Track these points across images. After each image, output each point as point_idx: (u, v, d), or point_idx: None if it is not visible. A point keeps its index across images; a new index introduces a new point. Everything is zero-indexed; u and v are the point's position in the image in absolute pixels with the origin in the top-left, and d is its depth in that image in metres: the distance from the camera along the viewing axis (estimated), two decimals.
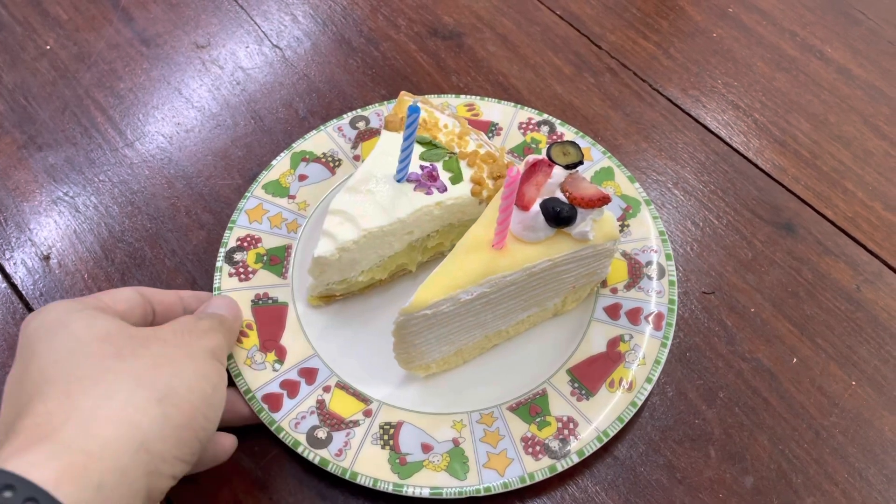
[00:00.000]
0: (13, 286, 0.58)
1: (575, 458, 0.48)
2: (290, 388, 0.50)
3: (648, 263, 0.56)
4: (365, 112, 0.64)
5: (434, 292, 0.46)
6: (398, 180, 0.53)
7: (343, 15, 0.76)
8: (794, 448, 0.51)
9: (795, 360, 0.55)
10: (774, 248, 0.61)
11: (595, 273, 0.53)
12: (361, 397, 0.51)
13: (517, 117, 0.64)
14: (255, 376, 0.50)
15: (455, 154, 0.55)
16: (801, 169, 0.66)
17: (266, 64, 0.72)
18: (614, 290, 0.56)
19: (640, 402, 0.50)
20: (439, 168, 0.54)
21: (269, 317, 0.54)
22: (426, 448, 0.49)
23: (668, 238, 0.58)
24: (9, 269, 0.59)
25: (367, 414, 0.50)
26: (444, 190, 0.53)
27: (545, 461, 0.48)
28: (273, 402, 0.49)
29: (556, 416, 0.50)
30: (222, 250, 0.56)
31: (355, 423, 0.49)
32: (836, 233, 0.62)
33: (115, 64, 0.71)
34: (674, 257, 0.57)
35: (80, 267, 0.59)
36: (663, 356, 0.52)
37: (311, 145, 0.62)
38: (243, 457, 0.50)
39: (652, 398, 0.53)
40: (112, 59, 0.72)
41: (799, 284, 0.59)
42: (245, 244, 0.57)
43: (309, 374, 0.51)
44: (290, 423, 0.49)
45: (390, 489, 0.46)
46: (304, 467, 0.50)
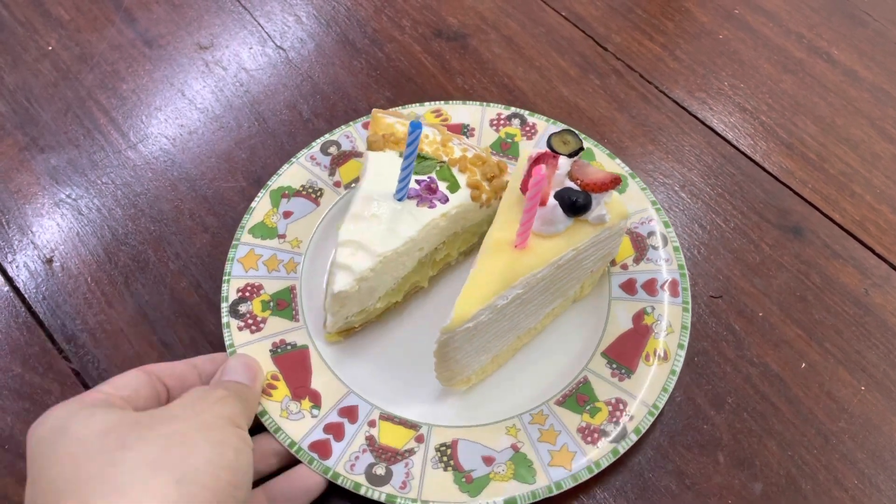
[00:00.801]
0: (16, 289, 0.57)
1: (633, 438, 0.48)
2: (335, 431, 0.49)
3: (651, 234, 0.57)
4: (333, 136, 0.63)
5: (472, 304, 0.46)
6: (399, 199, 0.52)
7: (347, 16, 0.76)
8: (803, 454, 0.51)
9: (804, 364, 0.55)
10: (782, 251, 0.60)
11: (609, 254, 0.54)
12: (409, 424, 0.50)
13: (486, 115, 0.64)
14: (296, 427, 0.48)
15: (445, 162, 0.55)
16: (809, 172, 0.65)
17: (269, 65, 0.71)
18: (625, 267, 0.56)
19: (678, 369, 0.51)
20: (435, 179, 0.54)
21: (293, 363, 0.52)
22: (488, 461, 0.48)
23: (660, 207, 0.59)
24: (11, 272, 0.58)
25: (420, 440, 0.49)
26: (445, 200, 0.53)
27: (606, 446, 0.48)
28: (321, 449, 0.48)
29: (604, 401, 0.50)
30: (224, 305, 0.53)
31: (411, 452, 0.48)
32: (844, 236, 0.61)
33: (117, 65, 0.71)
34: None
35: (82, 270, 0.58)
36: (688, 320, 0.53)
37: (287, 180, 0.60)
38: None
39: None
40: (114, 60, 0.71)
41: (807, 288, 0.58)
42: (247, 294, 0.54)
43: (350, 413, 0.50)
44: (345, 467, 0.47)
45: None
46: None
